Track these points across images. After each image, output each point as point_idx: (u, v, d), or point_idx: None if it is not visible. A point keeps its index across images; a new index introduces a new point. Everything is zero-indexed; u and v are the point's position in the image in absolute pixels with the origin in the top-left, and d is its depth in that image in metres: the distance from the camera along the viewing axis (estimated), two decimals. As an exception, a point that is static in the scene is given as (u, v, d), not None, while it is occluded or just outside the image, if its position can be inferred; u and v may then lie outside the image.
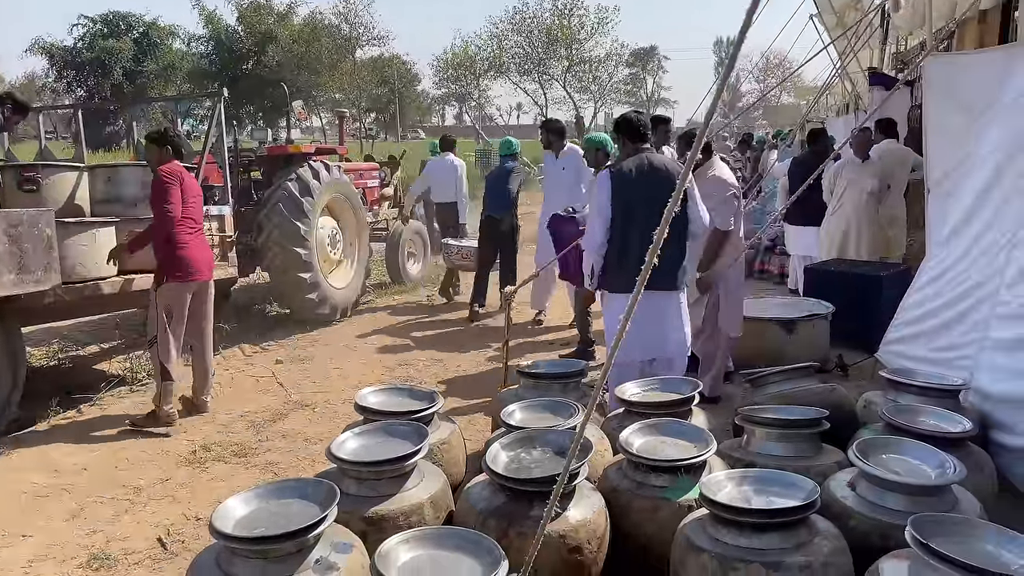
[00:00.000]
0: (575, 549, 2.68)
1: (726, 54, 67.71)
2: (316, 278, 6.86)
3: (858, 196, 6.60)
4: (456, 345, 6.58)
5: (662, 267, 4.07)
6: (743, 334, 5.55)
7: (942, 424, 3.20)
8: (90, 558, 3.21)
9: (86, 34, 33.97)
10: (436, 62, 40.92)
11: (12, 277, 4.16)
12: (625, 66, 47.28)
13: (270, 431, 4.64)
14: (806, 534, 2.45)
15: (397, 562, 2.24)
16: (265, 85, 28.93)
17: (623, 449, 3.02)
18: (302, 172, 6.83)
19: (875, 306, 5.66)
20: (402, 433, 3.08)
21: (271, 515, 2.47)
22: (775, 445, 3.20)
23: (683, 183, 1.94)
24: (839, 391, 3.88)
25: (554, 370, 3.99)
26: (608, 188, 4.02)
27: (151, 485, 3.91)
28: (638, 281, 2.06)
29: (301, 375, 5.78)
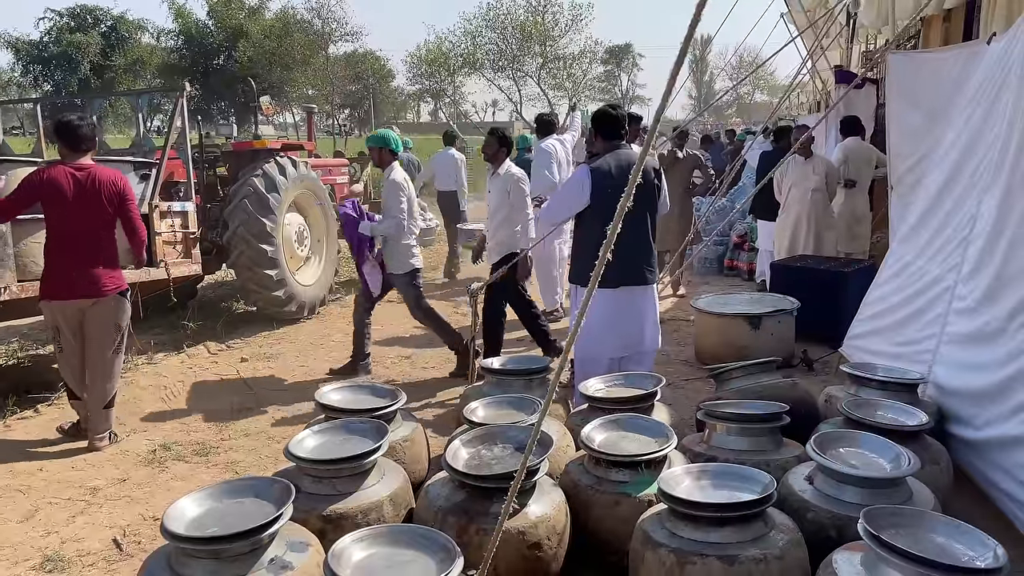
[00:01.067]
0: (535, 545, 2.68)
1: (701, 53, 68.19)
2: (283, 275, 6.79)
3: (803, 195, 6.73)
4: (425, 342, 6.54)
5: (639, 262, 4.14)
6: (710, 329, 5.60)
7: (899, 418, 3.24)
8: (43, 560, 3.15)
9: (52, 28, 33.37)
10: (410, 58, 40.73)
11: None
12: (600, 63, 47.45)
13: (233, 429, 4.58)
14: (762, 527, 2.47)
15: (350, 561, 2.22)
16: (236, 80, 28.65)
17: (584, 445, 3.03)
18: (268, 168, 6.76)
19: (840, 302, 5.72)
20: (362, 431, 3.06)
21: (225, 515, 2.43)
22: (736, 439, 3.22)
23: (635, 177, 1.93)
24: (801, 386, 3.91)
25: (518, 366, 3.98)
26: (588, 183, 4.02)
27: (108, 485, 3.84)
28: (591, 277, 2.05)
29: (267, 373, 5.71)
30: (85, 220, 4.13)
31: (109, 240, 4.26)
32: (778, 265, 6.62)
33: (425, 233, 12.55)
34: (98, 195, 4.14)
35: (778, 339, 5.37)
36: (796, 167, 6.80)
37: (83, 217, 4.13)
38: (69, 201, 4.08)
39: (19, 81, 34.73)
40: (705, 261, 9.36)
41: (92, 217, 4.15)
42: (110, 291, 4.24)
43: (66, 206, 4.08)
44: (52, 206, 4.10)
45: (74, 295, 4.17)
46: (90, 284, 4.18)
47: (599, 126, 4.23)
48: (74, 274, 4.14)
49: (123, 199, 4.25)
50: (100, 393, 4.30)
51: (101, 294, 4.22)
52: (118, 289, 4.29)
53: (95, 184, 4.14)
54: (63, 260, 4.15)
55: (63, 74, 32.53)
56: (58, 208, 4.10)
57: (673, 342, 6.29)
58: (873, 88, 8.41)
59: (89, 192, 4.12)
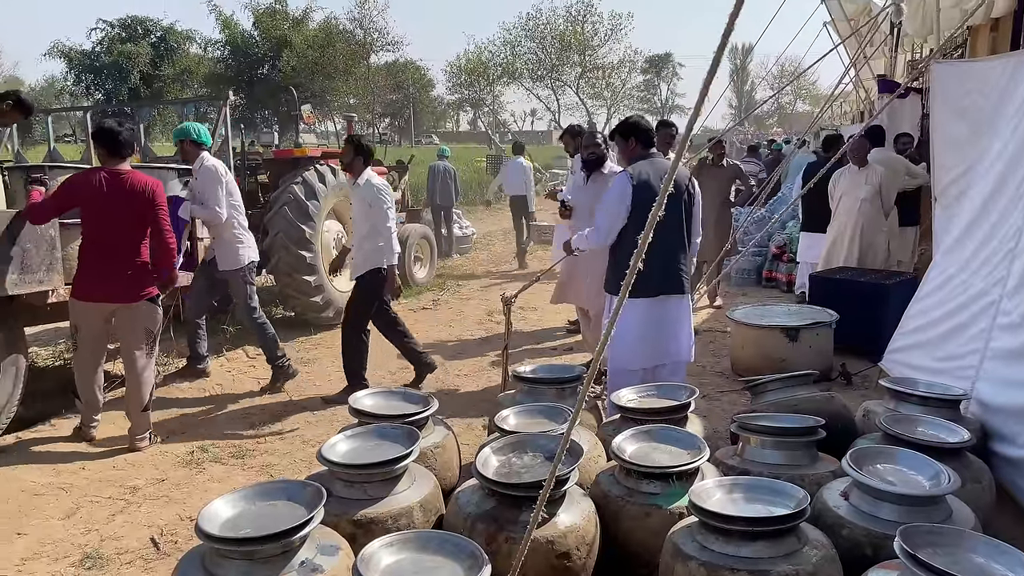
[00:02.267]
0: (564, 555, 2.67)
1: (741, 62, 67.61)
2: (320, 281, 6.89)
3: (852, 204, 6.54)
4: (458, 350, 6.58)
5: (673, 271, 4.12)
6: (747, 341, 5.53)
7: (940, 434, 3.16)
8: (83, 557, 3.23)
9: (104, 38, 34.30)
10: (450, 68, 41.04)
11: (15, 277, 4.19)
12: (639, 73, 47.30)
13: (269, 433, 4.65)
14: (795, 543, 2.43)
15: (379, 565, 2.23)
16: (280, 90, 29.10)
17: (615, 455, 3.01)
18: (308, 176, 6.86)
19: (881, 315, 5.61)
20: (394, 436, 3.08)
21: (258, 517, 2.47)
22: (770, 453, 3.17)
23: (666, 187, 1.92)
24: (838, 400, 3.84)
25: (550, 375, 3.97)
26: (629, 191, 4.01)
27: (147, 485, 3.93)
28: (623, 287, 2.04)
29: (303, 377, 5.79)
30: (117, 224, 4.23)
31: (141, 245, 4.34)
32: (818, 277, 6.51)
33: (461, 241, 12.67)
34: (131, 200, 4.23)
35: (816, 352, 5.28)
36: (849, 176, 6.63)
37: (115, 221, 4.22)
38: (103, 205, 4.18)
39: (71, 90, 35.76)
40: (743, 272, 9.25)
41: (124, 222, 4.24)
42: (140, 297, 4.32)
43: (100, 209, 4.18)
44: (87, 209, 4.20)
45: (101, 297, 4.26)
46: (119, 288, 4.26)
47: (636, 134, 4.22)
48: (103, 277, 4.23)
49: (153, 206, 4.31)
50: (136, 396, 4.40)
51: (130, 299, 4.30)
52: (148, 295, 4.37)
53: (129, 189, 4.22)
54: (94, 262, 4.24)
55: (114, 83, 33.39)
56: (92, 211, 4.20)
57: (709, 353, 6.23)
58: (918, 98, 8.25)
59: (123, 197, 4.20)
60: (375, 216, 5.07)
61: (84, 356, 4.40)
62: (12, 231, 4.18)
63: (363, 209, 5.12)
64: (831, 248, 6.83)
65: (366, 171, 5.15)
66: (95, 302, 4.26)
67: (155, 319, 4.45)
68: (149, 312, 4.40)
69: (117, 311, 4.34)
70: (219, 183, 5.21)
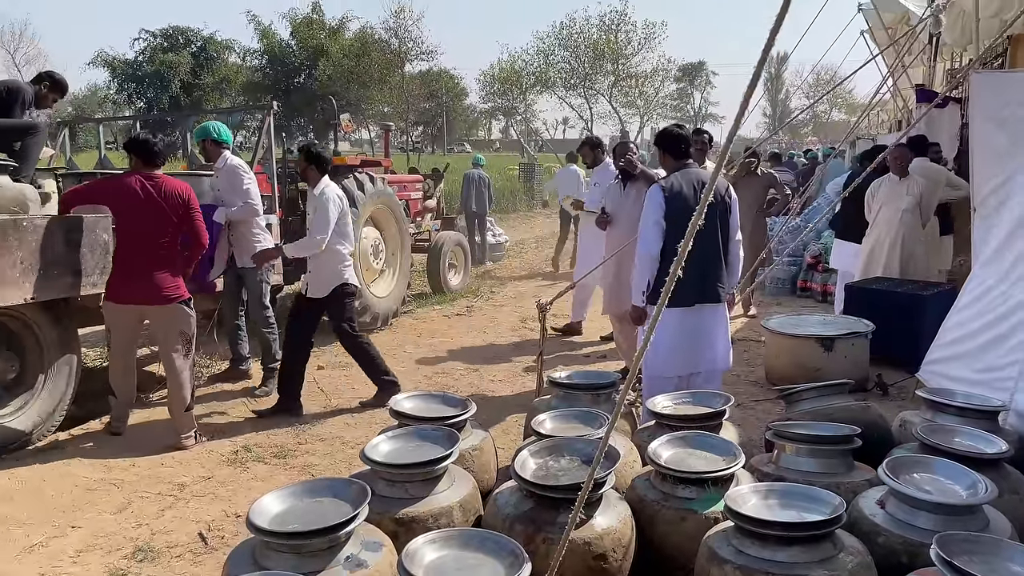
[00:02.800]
0: (600, 556, 2.72)
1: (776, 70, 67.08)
2: (358, 287, 7.00)
3: (893, 215, 6.45)
4: (493, 356, 6.66)
5: (710, 280, 4.16)
6: (781, 350, 5.53)
7: (978, 445, 3.15)
8: (135, 550, 3.35)
9: (147, 48, 35.11)
10: (483, 76, 41.28)
11: (70, 280, 4.37)
12: (673, 81, 47.14)
13: (309, 434, 4.76)
14: (831, 549, 2.46)
15: (423, 561, 2.31)
16: (316, 98, 29.58)
17: (651, 460, 3.06)
18: (347, 183, 6.99)
19: (918, 326, 5.57)
20: (434, 438, 3.16)
21: (305, 512, 2.56)
22: (805, 461, 3.19)
23: (707, 196, 1.98)
24: (874, 409, 3.84)
25: (586, 381, 4.03)
26: (660, 203, 4.07)
27: (194, 482, 4.06)
28: (662, 294, 2.10)
29: (342, 381, 5.91)
30: (149, 226, 4.36)
31: (172, 249, 4.48)
32: (854, 287, 6.47)
33: (494, 248, 12.78)
34: (163, 204, 4.36)
35: (852, 362, 5.27)
36: (888, 186, 6.55)
37: (147, 223, 4.36)
38: (135, 207, 4.32)
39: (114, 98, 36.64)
40: (778, 281, 9.22)
41: (156, 224, 4.37)
42: (170, 300, 4.44)
43: (133, 213, 4.33)
44: (119, 211, 4.35)
45: (132, 299, 4.40)
46: (150, 290, 4.38)
47: (667, 146, 4.27)
48: (135, 279, 4.37)
49: (187, 208, 4.47)
50: (178, 397, 4.55)
51: (160, 301, 4.42)
52: (179, 298, 4.49)
53: (161, 193, 4.37)
54: (126, 264, 4.39)
55: (155, 91, 34.16)
56: (125, 213, 4.35)
57: (743, 363, 6.23)
58: (957, 107, 8.16)
59: (155, 200, 4.35)
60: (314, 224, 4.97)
61: (117, 355, 4.60)
62: (69, 236, 4.36)
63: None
64: (869, 257, 6.76)
65: (322, 180, 5.04)
66: (126, 304, 4.42)
67: (189, 322, 4.57)
68: (182, 315, 4.52)
69: (150, 314, 4.51)
70: (244, 178, 5.36)
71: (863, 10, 11.99)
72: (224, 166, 5.40)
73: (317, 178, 5.04)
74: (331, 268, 5.05)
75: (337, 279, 5.07)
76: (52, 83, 5.21)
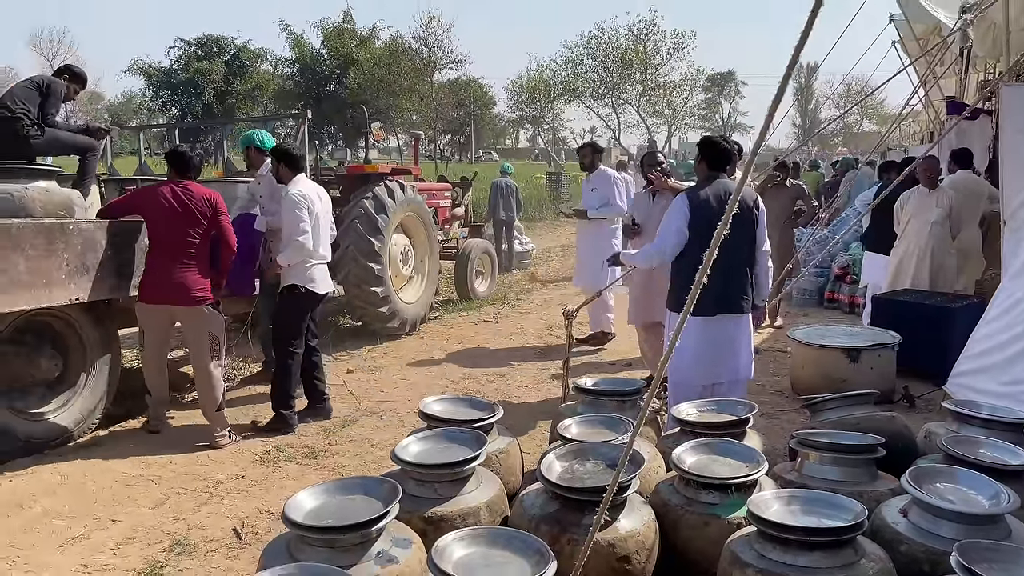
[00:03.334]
0: (624, 558, 2.78)
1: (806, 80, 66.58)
2: (388, 292, 7.14)
3: (922, 227, 6.43)
4: (519, 362, 6.73)
5: (734, 291, 4.20)
6: (807, 361, 5.54)
7: (1002, 456, 3.16)
8: (173, 543, 3.47)
9: (182, 56, 35.71)
10: (511, 86, 41.47)
11: (112, 282, 4.53)
12: (701, 91, 46.99)
13: (339, 435, 4.87)
14: (852, 555, 2.49)
15: (452, 557, 2.38)
16: (346, 106, 29.89)
17: (675, 465, 3.11)
18: (378, 191, 7.13)
19: (946, 338, 5.55)
20: (462, 439, 3.24)
21: (338, 509, 2.65)
22: (829, 469, 3.22)
23: (732, 207, 2.04)
24: (899, 420, 3.86)
25: (611, 387, 4.09)
26: (685, 212, 4.13)
27: (229, 480, 4.18)
28: (687, 301, 2.16)
29: (370, 384, 6.02)
30: (179, 231, 4.52)
31: (201, 253, 4.62)
32: (881, 298, 6.46)
33: (521, 256, 12.88)
34: (192, 209, 4.53)
35: (878, 374, 5.26)
36: (918, 198, 6.53)
37: (177, 229, 4.51)
38: (166, 212, 4.49)
39: (149, 105, 37.31)
40: (805, 293, 9.19)
41: (185, 229, 4.52)
42: (199, 302, 4.59)
43: (163, 217, 4.49)
44: (151, 216, 4.53)
45: (163, 300, 4.56)
46: (178, 292, 4.53)
47: (706, 153, 4.32)
48: (165, 281, 4.52)
49: (216, 212, 4.62)
50: (208, 397, 4.71)
51: (188, 303, 4.57)
52: (206, 301, 4.62)
53: (190, 199, 4.54)
54: (157, 267, 4.54)
55: (189, 99, 34.74)
56: (156, 218, 4.52)
57: (769, 373, 6.25)
58: (988, 120, 8.12)
59: (184, 205, 4.51)
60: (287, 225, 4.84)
61: (150, 355, 4.79)
62: (111, 240, 4.52)
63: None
64: (898, 269, 6.74)
65: (295, 178, 4.97)
66: (157, 304, 4.58)
67: (218, 324, 4.72)
68: (211, 317, 4.68)
69: (180, 316, 4.67)
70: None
71: (895, 21, 11.93)
72: (266, 173, 5.52)
73: (289, 176, 4.98)
74: (291, 268, 4.91)
75: (289, 279, 4.91)
76: (72, 75, 5.52)
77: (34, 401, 4.49)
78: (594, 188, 7.05)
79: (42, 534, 3.56)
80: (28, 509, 3.77)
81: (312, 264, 4.96)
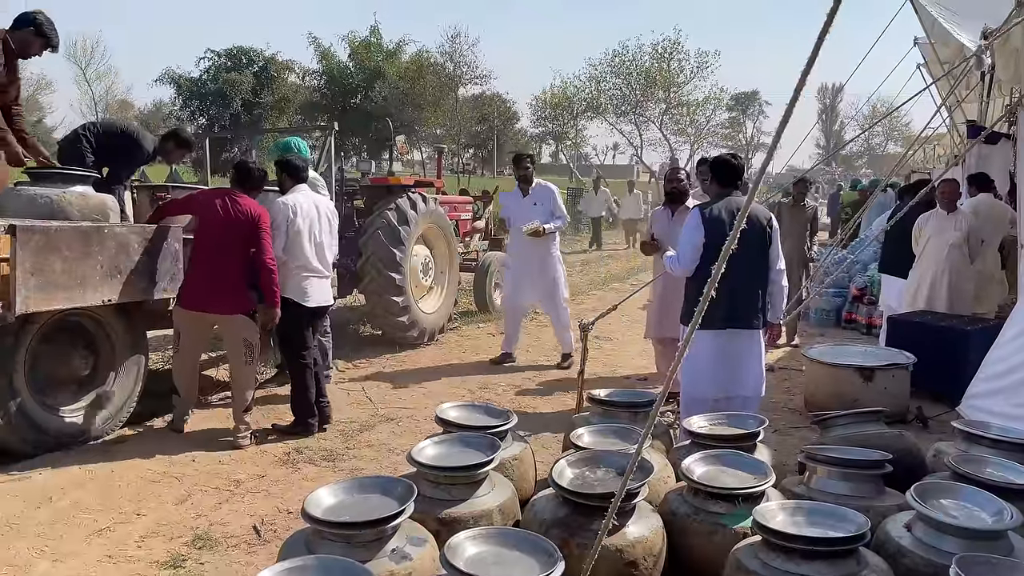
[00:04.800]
0: (631, 564, 2.85)
1: (831, 101, 66.37)
2: (408, 302, 7.25)
3: (940, 249, 6.44)
4: (535, 374, 6.81)
5: (745, 306, 4.27)
6: (821, 379, 5.58)
7: (1008, 475, 3.21)
8: (194, 538, 3.58)
9: (211, 67, 36.21)
10: (535, 101, 41.72)
11: (144, 285, 4.68)
12: (725, 110, 47.00)
13: (357, 440, 4.97)
14: (854, 565, 2.56)
15: (464, 554, 2.47)
16: (371, 119, 30.19)
17: (684, 475, 3.18)
18: (401, 202, 7.26)
19: (961, 360, 5.57)
20: (477, 444, 3.33)
21: (355, 506, 2.75)
22: (837, 484, 3.27)
23: (740, 222, 2.13)
24: (908, 438, 3.90)
25: (624, 399, 4.16)
26: (700, 225, 4.23)
27: (249, 480, 4.29)
28: (695, 313, 2.24)
29: (389, 391, 6.13)
30: (226, 242, 4.66)
31: (242, 264, 4.72)
32: (897, 319, 6.48)
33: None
34: (241, 222, 4.66)
35: (891, 394, 5.29)
36: (936, 220, 6.56)
37: (225, 239, 4.66)
38: (217, 220, 4.65)
39: (178, 114, 37.85)
40: (823, 313, 9.21)
41: (232, 241, 4.66)
42: (236, 310, 4.74)
43: (213, 223, 4.66)
44: (203, 224, 4.72)
45: (203, 307, 4.72)
46: (217, 300, 4.70)
47: (717, 171, 4.41)
48: (208, 289, 4.68)
49: (257, 228, 4.68)
50: (240, 399, 4.86)
51: (225, 311, 4.73)
52: (243, 311, 4.78)
53: (241, 212, 4.67)
54: (201, 275, 4.69)
55: (217, 109, 35.18)
56: (204, 226, 4.70)
57: (783, 390, 6.28)
58: (1010, 144, 8.12)
59: (235, 219, 4.65)
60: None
61: (183, 358, 4.93)
62: (144, 244, 4.67)
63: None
64: (916, 291, 6.74)
65: (294, 188, 5.09)
66: (197, 311, 4.74)
67: (253, 331, 4.85)
68: (246, 325, 4.82)
69: (219, 322, 4.84)
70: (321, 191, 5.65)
71: (919, 44, 11.96)
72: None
73: (290, 185, 5.11)
74: (285, 281, 4.92)
75: (283, 291, 4.87)
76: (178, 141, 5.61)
77: (65, 398, 4.63)
78: (536, 203, 6.95)
79: (69, 526, 3.68)
80: (56, 502, 3.90)
81: (306, 276, 5.01)
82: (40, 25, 4.67)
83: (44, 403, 4.48)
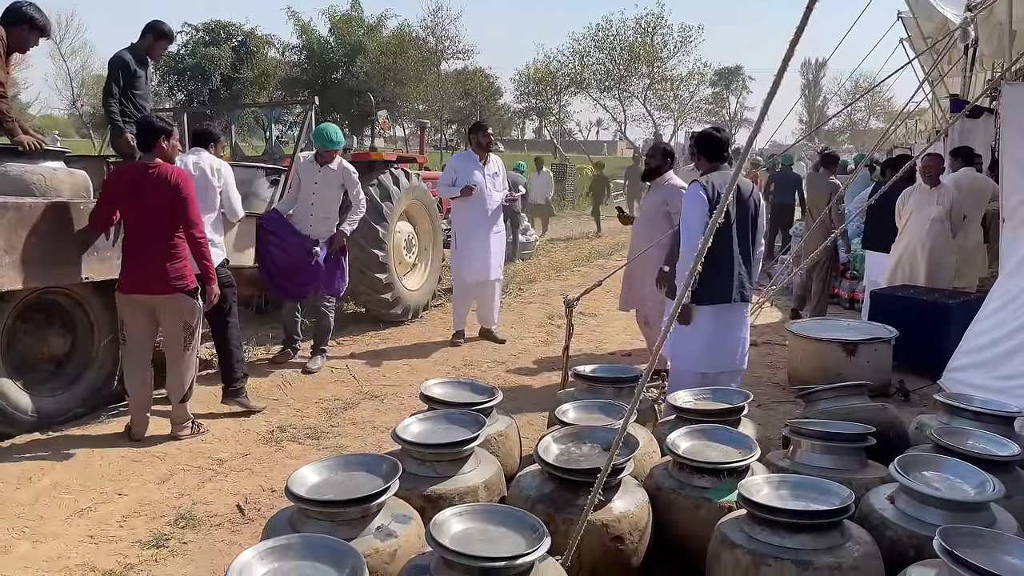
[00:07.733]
0: (617, 538, 2.85)
1: (814, 76, 66.43)
2: (391, 279, 7.20)
3: (921, 223, 6.46)
4: (520, 350, 6.80)
5: (740, 280, 4.27)
6: (805, 353, 5.61)
7: (990, 448, 3.23)
8: (177, 517, 3.55)
9: (189, 41, 35.61)
10: (518, 76, 41.40)
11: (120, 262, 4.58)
12: (708, 85, 46.90)
13: (341, 417, 4.95)
14: (839, 537, 2.57)
15: (450, 531, 2.45)
16: (352, 94, 29.87)
17: (670, 450, 3.18)
18: (383, 178, 7.18)
19: (943, 334, 5.61)
20: (462, 421, 3.32)
21: (340, 484, 2.73)
22: (820, 457, 3.29)
23: (727, 197, 2.11)
24: (891, 411, 3.93)
25: (609, 374, 4.16)
26: (705, 201, 4.12)
27: (232, 458, 4.26)
28: (680, 287, 2.23)
29: (372, 369, 6.10)
30: (147, 216, 4.25)
31: (175, 238, 4.33)
32: (879, 293, 6.52)
33: (524, 247, 12.94)
34: (158, 193, 4.23)
35: (874, 368, 5.33)
36: (918, 194, 6.57)
37: (145, 214, 4.25)
38: (133, 198, 4.24)
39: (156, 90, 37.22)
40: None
41: (154, 214, 4.25)
42: (176, 289, 4.32)
43: (131, 203, 4.26)
44: (121, 204, 4.32)
45: (141, 289, 4.31)
46: (156, 280, 4.28)
47: (703, 147, 4.38)
48: (140, 270, 4.29)
49: (179, 195, 4.25)
50: (177, 387, 4.47)
51: (167, 291, 4.30)
52: (185, 288, 4.36)
53: (155, 181, 4.23)
54: (132, 255, 4.32)
55: (196, 84, 34.67)
56: (125, 204, 4.30)
57: (766, 365, 6.31)
58: (992, 118, 8.15)
59: (151, 190, 4.22)
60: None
61: (131, 353, 4.45)
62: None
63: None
64: (896, 265, 6.78)
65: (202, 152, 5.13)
66: (135, 294, 4.34)
67: (193, 311, 4.43)
68: (186, 304, 4.39)
69: (158, 304, 4.38)
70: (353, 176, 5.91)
71: (903, 18, 11.95)
72: (338, 168, 5.89)
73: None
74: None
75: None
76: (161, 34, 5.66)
77: (43, 377, 4.57)
78: (496, 173, 6.89)
79: (50, 506, 3.64)
80: (36, 482, 3.86)
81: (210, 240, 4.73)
82: (34, 20, 4.65)
83: (22, 382, 4.40)
